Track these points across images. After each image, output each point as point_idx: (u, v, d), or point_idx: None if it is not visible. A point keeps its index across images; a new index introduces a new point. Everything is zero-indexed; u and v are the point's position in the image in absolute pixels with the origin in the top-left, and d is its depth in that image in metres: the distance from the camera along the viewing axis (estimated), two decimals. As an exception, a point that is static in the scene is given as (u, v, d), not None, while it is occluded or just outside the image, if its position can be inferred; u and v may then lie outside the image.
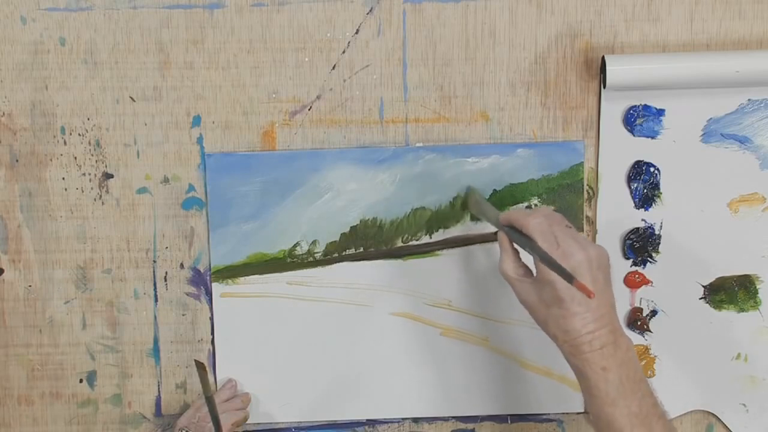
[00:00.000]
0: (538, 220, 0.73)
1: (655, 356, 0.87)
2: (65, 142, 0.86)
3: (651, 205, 0.85)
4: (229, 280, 0.86)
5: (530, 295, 0.73)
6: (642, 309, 0.87)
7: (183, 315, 0.88)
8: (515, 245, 0.76)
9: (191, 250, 0.87)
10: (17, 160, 0.86)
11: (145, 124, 0.85)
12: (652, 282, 0.86)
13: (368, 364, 0.87)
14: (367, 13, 0.84)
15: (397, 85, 0.85)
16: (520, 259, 0.76)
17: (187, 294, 0.88)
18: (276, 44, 0.84)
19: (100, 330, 0.88)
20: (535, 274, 0.74)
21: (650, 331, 0.87)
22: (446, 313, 0.87)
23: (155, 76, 0.85)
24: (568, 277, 0.67)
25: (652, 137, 0.84)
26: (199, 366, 0.73)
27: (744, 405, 0.88)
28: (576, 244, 0.71)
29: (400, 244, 0.86)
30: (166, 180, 0.86)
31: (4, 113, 0.85)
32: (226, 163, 0.85)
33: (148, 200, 0.87)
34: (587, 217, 0.86)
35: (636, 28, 0.84)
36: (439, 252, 0.86)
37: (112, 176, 0.86)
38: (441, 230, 0.86)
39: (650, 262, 0.86)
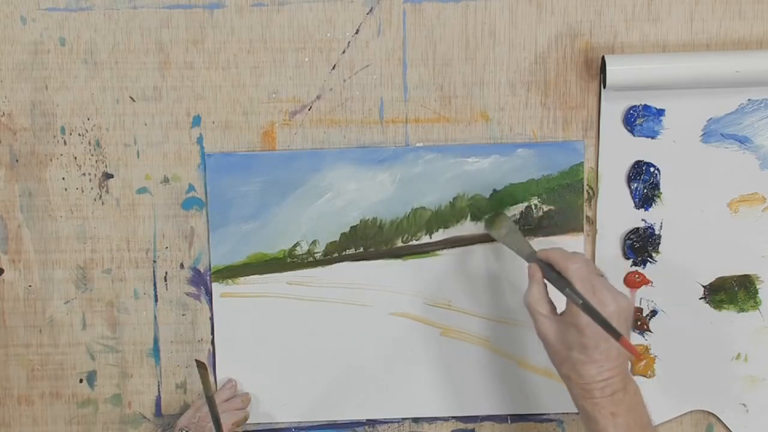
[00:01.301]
0: (579, 265, 0.73)
1: (655, 356, 0.87)
2: (65, 142, 0.86)
3: (651, 205, 0.85)
4: (229, 280, 0.86)
5: (551, 333, 0.74)
6: (642, 309, 0.87)
7: (183, 315, 0.88)
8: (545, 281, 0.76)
9: (191, 250, 0.87)
10: (17, 160, 0.86)
11: (145, 124, 0.85)
12: (652, 282, 0.86)
13: (368, 364, 0.87)
14: (367, 13, 0.84)
15: (397, 85, 0.85)
16: (548, 293, 0.76)
17: (187, 294, 0.88)
18: (276, 44, 0.84)
19: (100, 330, 0.88)
20: (558, 312, 0.74)
21: (650, 331, 0.87)
22: (446, 313, 0.87)
23: (155, 76, 0.85)
24: (615, 335, 0.68)
25: (652, 137, 0.84)
26: (200, 366, 0.73)
27: (744, 405, 0.88)
28: (610, 295, 0.72)
29: (400, 244, 0.86)
30: (166, 180, 0.86)
31: (4, 113, 0.85)
32: (226, 163, 0.85)
33: (148, 200, 0.87)
34: (587, 217, 0.86)
35: (636, 28, 0.84)
36: (439, 252, 0.86)
37: (112, 176, 0.86)
38: (441, 230, 0.86)
39: (650, 262, 0.86)
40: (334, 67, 0.85)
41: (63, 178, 0.86)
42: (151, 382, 0.89)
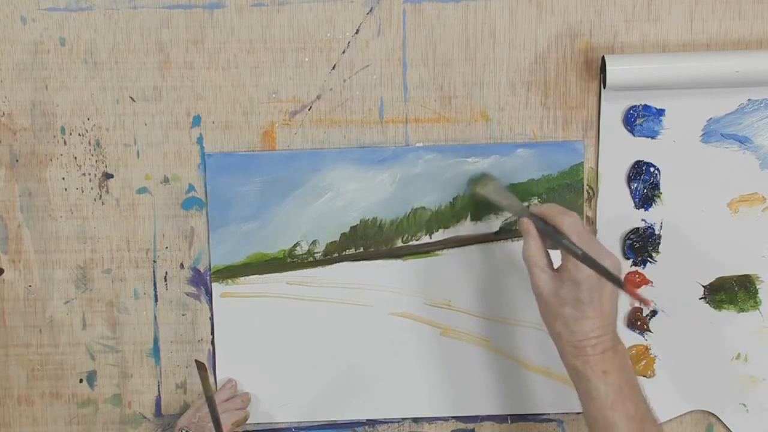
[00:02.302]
0: (574, 219, 0.73)
1: (655, 356, 0.87)
2: (65, 142, 0.86)
3: (651, 205, 0.85)
4: (229, 280, 0.86)
5: (547, 287, 0.73)
6: (642, 309, 0.87)
7: (183, 315, 0.88)
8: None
9: (191, 250, 0.87)
10: (17, 160, 0.86)
11: (145, 124, 0.85)
12: (652, 282, 0.86)
13: (368, 364, 0.87)
14: (367, 13, 0.84)
15: (397, 85, 0.85)
16: (545, 247, 0.75)
17: (187, 294, 0.88)
18: (276, 44, 0.84)
19: (100, 330, 0.88)
20: (555, 267, 0.74)
21: (650, 331, 0.87)
22: (446, 313, 0.87)
23: (155, 76, 0.85)
24: (618, 283, 0.69)
25: (652, 137, 0.84)
26: (200, 366, 0.73)
27: (744, 405, 0.88)
28: (604, 250, 0.72)
29: (400, 244, 0.86)
30: (166, 180, 0.86)
31: (4, 113, 0.85)
32: (226, 163, 0.85)
33: (148, 200, 0.87)
34: (587, 217, 0.86)
35: (636, 28, 0.84)
36: (439, 252, 0.86)
37: (112, 176, 0.86)
38: (441, 230, 0.86)
39: (650, 262, 0.86)
40: (334, 67, 0.85)
41: (63, 178, 0.86)
42: (151, 382, 0.89)
